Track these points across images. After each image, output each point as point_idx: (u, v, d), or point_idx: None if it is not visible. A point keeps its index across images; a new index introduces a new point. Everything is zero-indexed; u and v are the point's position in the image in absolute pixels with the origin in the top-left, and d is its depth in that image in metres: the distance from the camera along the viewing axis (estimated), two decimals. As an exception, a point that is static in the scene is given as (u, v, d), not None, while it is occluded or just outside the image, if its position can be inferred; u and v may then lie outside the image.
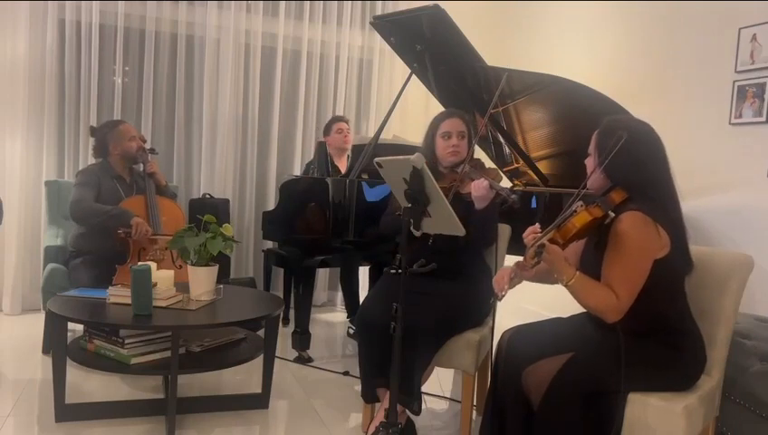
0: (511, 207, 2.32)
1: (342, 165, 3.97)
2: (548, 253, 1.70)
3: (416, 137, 4.24)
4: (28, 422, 2.44)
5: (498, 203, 2.42)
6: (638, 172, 1.80)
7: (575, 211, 1.77)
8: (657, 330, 1.80)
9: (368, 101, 4.85)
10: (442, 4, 2.86)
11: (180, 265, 3.06)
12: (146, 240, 3.09)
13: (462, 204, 2.42)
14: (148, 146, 3.43)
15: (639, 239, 1.72)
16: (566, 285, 1.75)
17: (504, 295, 1.87)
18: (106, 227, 3.09)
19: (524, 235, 1.81)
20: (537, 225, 1.83)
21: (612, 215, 1.74)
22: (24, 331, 3.70)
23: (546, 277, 2.03)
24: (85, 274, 3.03)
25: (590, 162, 1.92)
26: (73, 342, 2.52)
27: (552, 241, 1.72)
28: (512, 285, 1.89)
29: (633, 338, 1.75)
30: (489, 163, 3.63)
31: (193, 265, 2.53)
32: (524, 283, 1.98)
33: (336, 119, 4.14)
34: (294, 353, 3.38)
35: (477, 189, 2.36)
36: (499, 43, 4.44)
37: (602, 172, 1.83)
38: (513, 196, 2.29)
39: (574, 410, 1.74)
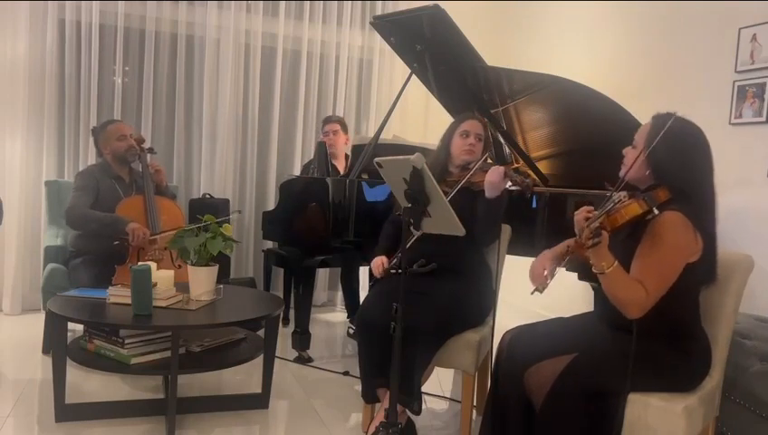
0: (522, 193, 2.36)
1: (340, 164, 3.96)
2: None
3: (416, 137, 4.26)
4: (28, 422, 2.44)
5: (505, 200, 2.43)
6: (684, 170, 1.78)
7: (622, 200, 1.76)
8: (671, 333, 1.80)
9: (368, 101, 4.85)
10: (442, 4, 2.86)
11: (180, 265, 3.06)
12: (145, 242, 3.08)
13: (469, 196, 2.43)
14: (147, 145, 3.42)
15: (679, 238, 1.72)
16: (602, 273, 1.72)
17: (544, 288, 1.80)
18: (113, 232, 3.07)
19: (576, 213, 1.80)
20: (589, 207, 1.81)
21: (656, 212, 1.73)
22: (24, 331, 3.70)
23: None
24: (85, 273, 3.03)
25: (630, 153, 1.88)
26: (73, 342, 2.52)
27: (601, 226, 1.70)
28: (552, 276, 1.83)
29: (645, 340, 1.75)
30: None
31: (193, 265, 2.53)
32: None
33: (326, 120, 4.11)
34: (294, 353, 3.38)
35: (492, 175, 2.34)
36: (499, 43, 4.44)
37: (648, 166, 1.82)
38: (527, 180, 2.30)
39: (576, 411, 1.73)
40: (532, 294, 1.83)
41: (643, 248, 1.76)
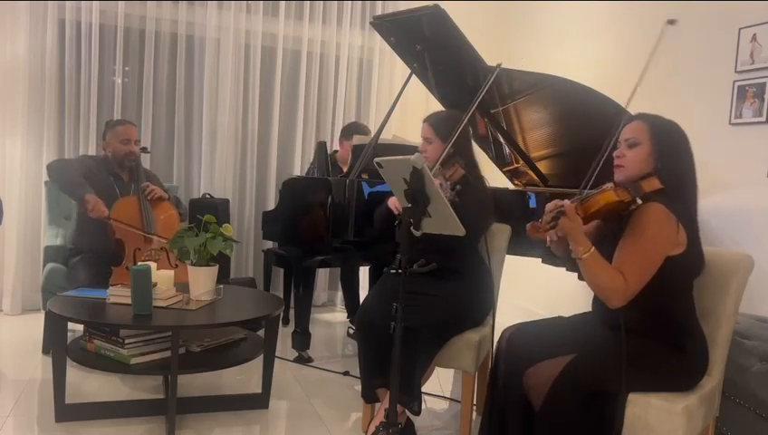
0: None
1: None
2: (568, 219, 1.71)
3: (416, 137, 4.23)
4: (28, 422, 2.44)
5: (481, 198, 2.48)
6: (679, 165, 1.82)
7: (603, 189, 1.77)
8: (664, 330, 1.81)
9: (368, 101, 4.85)
10: (442, 4, 2.86)
11: (177, 265, 3.06)
12: (138, 238, 3.07)
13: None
14: (141, 145, 3.41)
15: (659, 230, 1.73)
16: (580, 258, 1.75)
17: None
18: (70, 193, 3.11)
19: (548, 204, 1.81)
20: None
21: (639, 202, 1.74)
22: (24, 331, 3.70)
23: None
24: (84, 272, 3.03)
25: (632, 152, 1.84)
26: (73, 342, 2.52)
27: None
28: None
29: (638, 338, 1.76)
30: (490, 163, 3.63)
31: (193, 265, 2.52)
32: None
33: (345, 131, 3.98)
34: (294, 353, 3.38)
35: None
36: (499, 43, 4.44)
37: (654, 162, 1.83)
38: (451, 192, 2.35)
39: (576, 411, 1.74)
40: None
41: (625, 238, 1.78)
